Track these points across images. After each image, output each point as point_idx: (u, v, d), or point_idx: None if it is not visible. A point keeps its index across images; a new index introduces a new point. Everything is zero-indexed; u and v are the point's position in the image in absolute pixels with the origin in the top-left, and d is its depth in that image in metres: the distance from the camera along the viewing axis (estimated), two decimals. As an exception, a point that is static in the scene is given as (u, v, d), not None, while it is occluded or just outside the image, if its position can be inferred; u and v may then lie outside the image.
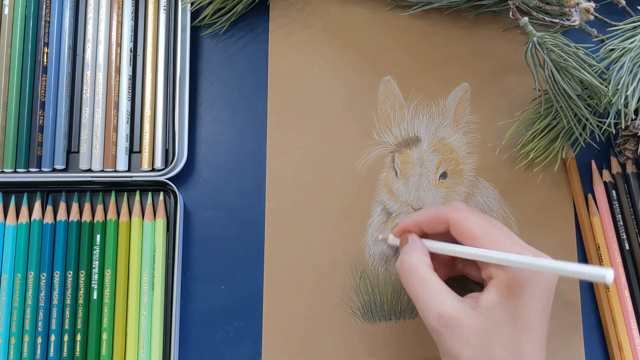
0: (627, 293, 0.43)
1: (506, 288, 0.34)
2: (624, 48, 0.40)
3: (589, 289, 0.44)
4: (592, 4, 0.40)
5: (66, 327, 0.41)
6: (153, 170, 0.44)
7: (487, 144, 0.46)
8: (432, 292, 0.35)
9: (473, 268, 0.39)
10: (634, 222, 0.44)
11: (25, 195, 0.43)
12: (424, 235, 0.39)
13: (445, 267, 0.40)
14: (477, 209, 0.38)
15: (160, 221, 0.43)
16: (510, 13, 0.41)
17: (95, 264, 0.42)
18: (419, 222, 0.39)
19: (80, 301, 0.41)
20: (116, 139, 0.44)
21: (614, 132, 0.43)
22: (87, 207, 0.43)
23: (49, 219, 0.43)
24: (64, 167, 0.44)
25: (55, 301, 0.41)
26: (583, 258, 0.44)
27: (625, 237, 0.44)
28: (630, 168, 0.45)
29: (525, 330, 0.33)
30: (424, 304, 0.35)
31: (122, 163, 0.44)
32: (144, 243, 0.43)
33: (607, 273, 0.30)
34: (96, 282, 0.42)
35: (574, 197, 0.45)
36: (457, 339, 0.34)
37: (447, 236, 0.38)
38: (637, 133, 0.42)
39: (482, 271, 0.37)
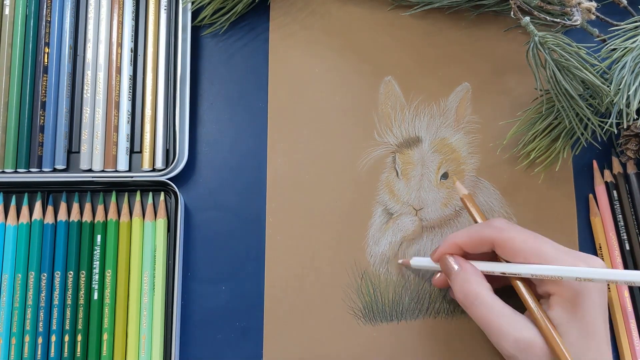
0: (627, 294, 0.43)
1: (569, 303, 0.35)
2: (626, 48, 0.40)
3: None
4: (594, 4, 0.40)
5: (67, 327, 0.41)
6: (154, 170, 0.44)
7: (488, 144, 0.46)
8: (505, 318, 0.36)
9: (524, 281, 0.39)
10: (635, 223, 0.44)
11: (26, 195, 0.43)
12: (464, 255, 0.39)
13: (495, 282, 0.40)
14: (516, 224, 0.38)
15: (161, 221, 0.43)
16: (512, 13, 0.41)
17: (96, 264, 0.42)
18: (459, 245, 0.38)
19: (81, 301, 0.41)
20: (117, 139, 0.44)
21: (615, 132, 0.43)
22: (87, 207, 0.43)
23: (49, 219, 0.42)
24: (64, 167, 0.44)
25: (56, 301, 0.41)
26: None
27: (625, 237, 0.44)
28: (631, 168, 0.44)
29: (595, 339, 0.34)
30: (498, 332, 0.36)
31: (122, 163, 0.44)
32: (144, 243, 0.42)
33: None
34: (97, 282, 0.42)
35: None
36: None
37: (488, 254, 0.38)
38: (639, 133, 0.42)
39: (537, 288, 0.37)
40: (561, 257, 0.35)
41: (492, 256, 0.38)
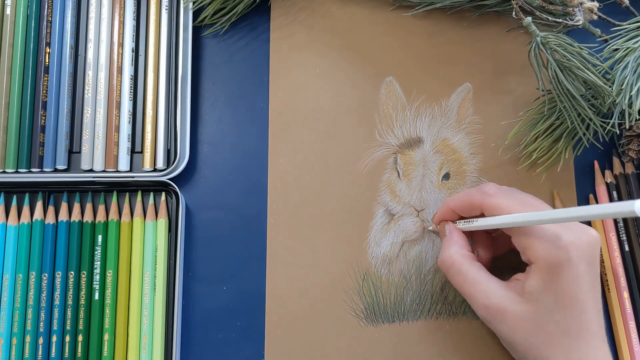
0: (626, 295, 0.43)
1: (547, 271, 0.35)
2: (628, 48, 0.40)
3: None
4: (596, 4, 0.40)
5: (68, 327, 0.41)
6: (155, 170, 0.44)
7: (490, 145, 0.46)
8: (476, 284, 0.37)
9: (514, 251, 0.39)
10: (635, 223, 0.44)
11: (27, 195, 0.43)
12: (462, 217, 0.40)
13: (488, 249, 0.41)
14: (506, 187, 0.39)
15: (162, 221, 0.43)
16: (514, 13, 0.41)
17: (97, 264, 0.42)
18: (453, 208, 0.40)
19: (82, 302, 0.41)
20: (118, 139, 0.44)
21: (617, 133, 0.42)
22: (88, 207, 0.43)
23: (50, 219, 0.42)
24: (65, 167, 0.44)
25: (56, 302, 0.41)
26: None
27: (625, 237, 0.44)
28: (630, 168, 0.44)
29: (575, 308, 0.34)
30: (470, 298, 0.37)
31: (123, 163, 0.44)
32: (145, 243, 0.42)
33: (636, 204, 0.28)
34: (98, 282, 0.42)
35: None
36: (508, 326, 0.35)
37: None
38: (641, 133, 0.42)
39: (522, 255, 0.37)
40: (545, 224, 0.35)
41: None
